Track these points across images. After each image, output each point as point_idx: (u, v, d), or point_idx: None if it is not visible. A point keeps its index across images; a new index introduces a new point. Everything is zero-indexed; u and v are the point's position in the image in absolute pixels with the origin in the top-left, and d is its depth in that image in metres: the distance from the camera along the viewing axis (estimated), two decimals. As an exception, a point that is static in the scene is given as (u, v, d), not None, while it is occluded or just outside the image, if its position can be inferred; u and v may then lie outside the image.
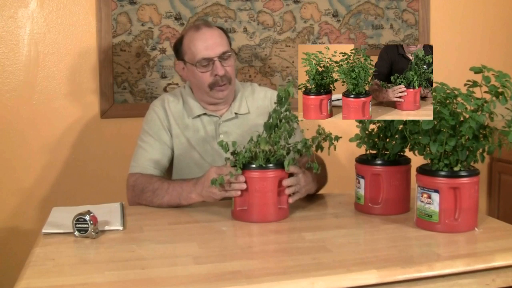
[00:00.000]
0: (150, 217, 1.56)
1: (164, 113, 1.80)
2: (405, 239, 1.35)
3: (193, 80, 1.77)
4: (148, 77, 2.30)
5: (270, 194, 1.46)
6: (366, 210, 1.55)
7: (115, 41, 2.26)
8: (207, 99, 1.78)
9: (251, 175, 1.46)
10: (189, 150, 1.78)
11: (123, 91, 2.29)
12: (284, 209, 1.52)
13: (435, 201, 1.36)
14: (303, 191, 1.56)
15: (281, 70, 2.44)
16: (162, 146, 1.77)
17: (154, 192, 1.64)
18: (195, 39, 1.72)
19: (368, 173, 1.53)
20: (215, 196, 1.52)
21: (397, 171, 1.52)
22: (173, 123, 1.79)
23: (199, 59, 1.70)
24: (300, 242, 1.35)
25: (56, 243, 1.34)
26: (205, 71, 1.72)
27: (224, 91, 1.74)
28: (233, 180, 1.46)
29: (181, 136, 1.79)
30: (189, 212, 1.59)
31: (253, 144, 1.46)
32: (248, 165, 1.44)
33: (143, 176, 1.70)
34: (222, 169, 1.49)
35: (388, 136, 1.54)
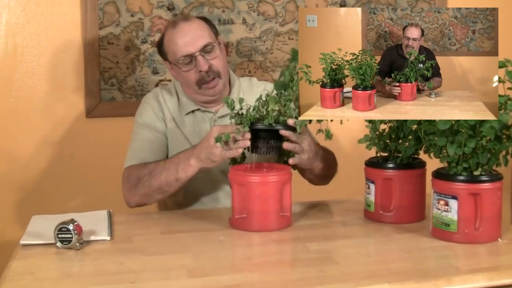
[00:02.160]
0: (140, 225, 1.57)
1: (158, 105, 1.82)
2: (420, 250, 1.35)
3: (181, 79, 1.80)
4: (138, 73, 2.31)
5: (271, 201, 1.47)
6: (376, 218, 1.55)
7: (101, 33, 2.26)
8: (199, 97, 1.80)
9: (251, 179, 1.46)
10: (184, 146, 1.77)
11: (111, 88, 2.29)
12: (287, 217, 1.51)
13: (453, 208, 1.36)
14: (305, 156, 1.55)
15: (283, 65, 2.44)
16: (159, 137, 1.80)
17: (150, 174, 1.64)
18: (173, 37, 1.74)
19: (379, 177, 1.53)
20: (214, 156, 1.51)
21: (411, 175, 1.52)
22: (168, 116, 1.81)
23: (180, 57, 1.73)
24: (305, 253, 1.34)
25: (36, 255, 1.33)
26: (189, 69, 1.74)
27: (214, 87, 1.76)
28: (239, 137, 1.46)
29: (176, 131, 1.81)
30: (183, 220, 1.60)
31: (262, 103, 1.47)
32: (256, 124, 1.44)
33: (138, 164, 1.71)
34: (226, 127, 1.50)
35: (401, 137, 1.54)
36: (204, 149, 1.54)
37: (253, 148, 1.49)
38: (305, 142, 1.54)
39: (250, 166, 1.54)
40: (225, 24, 2.37)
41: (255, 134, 1.48)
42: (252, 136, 1.48)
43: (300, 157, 1.55)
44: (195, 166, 1.58)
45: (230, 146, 1.49)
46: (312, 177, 1.74)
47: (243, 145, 1.47)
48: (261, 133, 1.48)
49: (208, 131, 1.56)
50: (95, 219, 1.57)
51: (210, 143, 1.51)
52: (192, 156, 1.58)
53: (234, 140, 1.48)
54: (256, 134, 1.49)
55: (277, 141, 1.50)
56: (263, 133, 1.48)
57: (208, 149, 1.53)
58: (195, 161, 1.57)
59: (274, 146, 1.49)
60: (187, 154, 1.60)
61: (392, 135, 1.55)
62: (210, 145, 1.52)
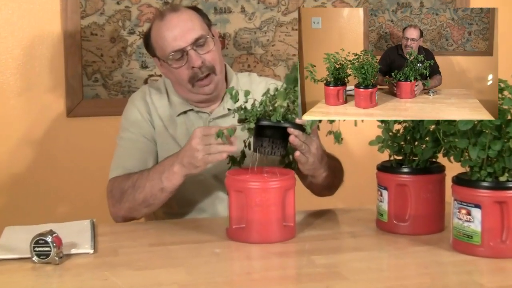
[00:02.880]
0: (127, 237, 1.56)
1: (146, 106, 1.83)
2: (439, 265, 1.34)
3: (172, 77, 1.81)
4: (125, 67, 2.31)
5: (273, 209, 1.46)
6: (390, 228, 1.55)
7: (84, 23, 2.27)
8: (192, 96, 1.80)
9: (251, 185, 1.47)
10: (175, 150, 1.75)
11: (95, 84, 2.29)
12: (290, 227, 1.51)
13: (476, 218, 1.35)
14: (311, 159, 1.55)
15: (286, 58, 2.45)
16: (147, 142, 1.80)
17: (134, 186, 1.66)
18: (161, 31, 1.74)
19: (393, 183, 1.53)
20: (196, 161, 1.54)
21: (429, 181, 1.52)
22: (156, 118, 1.82)
23: (169, 52, 1.73)
24: (310, 267, 1.34)
25: (10, 271, 1.33)
26: (180, 66, 1.74)
27: (209, 84, 1.76)
28: (221, 141, 1.50)
29: (166, 135, 1.81)
30: (174, 231, 1.60)
31: (269, 97, 1.48)
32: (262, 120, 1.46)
33: (121, 176, 1.72)
34: (210, 129, 1.54)
35: (417, 139, 1.53)
36: (187, 152, 1.55)
37: (257, 147, 1.50)
38: (313, 144, 1.54)
39: (249, 170, 1.55)
40: (222, 13, 2.37)
41: (259, 132, 1.49)
42: (256, 134, 1.49)
43: (305, 157, 1.54)
44: (179, 173, 1.59)
45: (212, 149, 1.51)
46: (315, 186, 1.74)
47: (227, 150, 1.50)
48: (266, 131, 1.49)
49: (191, 135, 1.56)
50: (76, 230, 1.56)
51: (192, 146, 1.53)
52: (176, 162, 1.59)
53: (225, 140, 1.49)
54: (261, 132, 1.49)
55: (283, 141, 1.50)
56: (268, 130, 1.48)
57: (190, 152, 1.54)
58: (178, 167, 1.59)
59: (279, 146, 1.50)
60: (171, 160, 1.61)
61: (407, 136, 1.54)
62: (192, 148, 1.53)
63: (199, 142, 1.52)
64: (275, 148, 1.49)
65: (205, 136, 1.52)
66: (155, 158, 1.80)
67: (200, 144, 1.52)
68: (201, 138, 1.52)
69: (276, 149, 1.49)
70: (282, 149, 1.51)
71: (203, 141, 1.52)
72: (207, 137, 1.52)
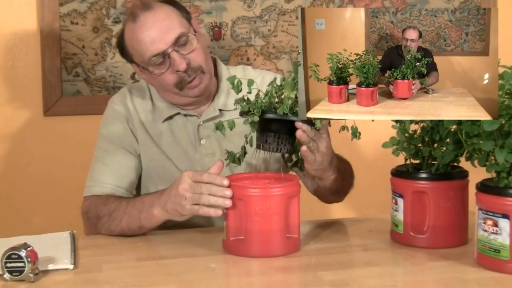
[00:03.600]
0: (112, 250, 1.56)
1: (126, 111, 1.82)
2: (461, 283, 1.34)
3: (155, 83, 1.80)
4: (110, 60, 2.30)
5: (275, 219, 1.46)
6: (406, 241, 1.55)
7: (63, 11, 2.26)
8: (181, 100, 1.80)
9: (250, 192, 1.46)
10: (160, 162, 1.80)
11: (75, 80, 2.29)
12: (294, 239, 1.51)
13: (504, 230, 1.34)
14: (319, 159, 1.54)
15: (290, 50, 2.45)
16: (128, 155, 1.80)
17: (110, 216, 1.65)
18: (136, 34, 1.72)
19: (409, 190, 1.53)
20: (183, 210, 1.51)
21: (450, 188, 1.52)
22: (138, 126, 1.81)
23: (149, 57, 1.71)
24: (317, 284, 1.34)
25: (-21, 289, 1.33)
26: (163, 71, 1.72)
27: (199, 85, 1.75)
28: (213, 189, 1.46)
29: (150, 145, 1.80)
30: (165, 244, 1.59)
31: (276, 88, 1.49)
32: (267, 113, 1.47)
33: (99, 198, 1.72)
34: (201, 174, 1.51)
35: (436, 140, 1.53)
36: (172, 198, 1.53)
37: (261, 144, 1.50)
38: (322, 141, 1.53)
39: (247, 175, 1.54)
40: (218, 0, 2.37)
41: (264, 126, 1.49)
42: (261, 129, 1.49)
43: (313, 156, 1.53)
44: (159, 217, 1.58)
45: (202, 200, 1.48)
46: (322, 191, 1.73)
47: (221, 204, 1.46)
48: (272, 125, 1.49)
49: (178, 177, 1.54)
50: (54, 243, 1.56)
51: (179, 192, 1.51)
52: (157, 204, 1.58)
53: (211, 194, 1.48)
54: (266, 126, 1.49)
55: (290, 136, 1.50)
56: (274, 125, 1.49)
57: (175, 198, 1.52)
58: (159, 211, 1.57)
59: (286, 142, 1.50)
60: (151, 200, 1.60)
61: (425, 138, 1.54)
62: (178, 195, 1.51)
63: (188, 188, 1.50)
64: (281, 144, 1.49)
65: (195, 182, 1.50)
66: (137, 172, 1.80)
67: (189, 191, 1.49)
68: (190, 185, 1.50)
69: (282, 145, 1.49)
70: (288, 146, 1.50)
71: (192, 188, 1.49)
72: (197, 185, 1.49)
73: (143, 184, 1.82)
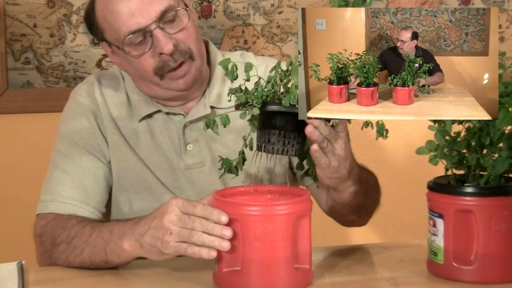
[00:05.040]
0: (70, 286, 1.57)
1: (94, 105, 1.82)
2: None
3: (130, 69, 1.80)
4: (70, 43, 2.33)
5: (280, 244, 1.47)
6: (448, 274, 1.55)
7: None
8: (161, 93, 1.80)
9: (249, 211, 1.46)
10: (136, 171, 1.80)
11: (25, 68, 2.33)
12: (305, 271, 1.51)
13: None
14: (334, 163, 1.54)
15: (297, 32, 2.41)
16: (95, 162, 1.80)
17: (69, 244, 1.64)
18: (110, 3, 1.71)
19: (451, 209, 1.53)
20: (166, 247, 1.49)
21: (503, 206, 1.51)
22: (108, 124, 1.81)
23: (125, 35, 1.70)
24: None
25: None
26: (141, 53, 1.71)
27: (185, 76, 1.74)
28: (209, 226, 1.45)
29: (123, 147, 1.81)
30: (139, 277, 1.60)
31: (281, 74, 1.52)
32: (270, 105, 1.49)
33: (57, 218, 1.71)
34: (194, 205, 1.48)
35: (486, 145, 1.53)
36: (152, 230, 1.51)
37: (262, 144, 1.51)
38: (339, 142, 1.53)
39: (244, 188, 1.55)
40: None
41: (266, 121, 1.50)
42: (262, 125, 1.50)
43: (326, 159, 1.53)
44: (130, 253, 1.56)
45: (194, 238, 1.45)
46: (339, 208, 1.74)
47: (216, 245, 1.43)
48: (276, 120, 1.49)
49: (164, 205, 1.52)
50: (-2, 275, 1.56)
51: (164, 224, 1.48)
52: (130, 236, 1.56)
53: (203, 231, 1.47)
54: (269, 122, 1.50)
55: (298, 135, 1.50)
56: (279, 120, 1.49)
57: (158, 232, 1.50)
58: (132, 245, 1.55)
59: (294, 142, 1.50)
60: (122, 230, 1.58)
61: (471, 142, 1.54)
62: (162, 228, 1.48)
63: (176, 221, 1.47)
64: (288, 144, 1.49)
65: (185, 214, 1.48)
66: (107, 184, 1.80)
67: (177, 224, 1.47)
68: (180, 217, 1.47)
69: (290, 146, 1.49)
70: (297, 146, 1.50)
71: (181, 222, 1.47)
72: (189, 218, 1.47)
73: (113, 199, 1.82)
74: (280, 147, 1.48)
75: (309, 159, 1.63)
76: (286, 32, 2.44)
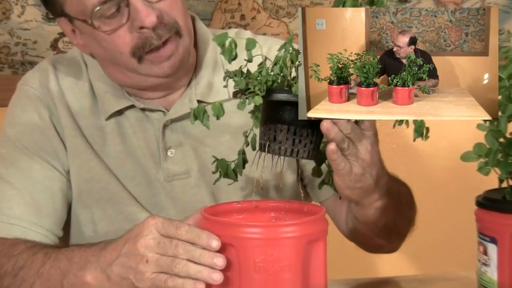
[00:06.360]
0: None
1: (48, 97, 1.80)
2: None
3: (99, 51, 1.74)
4: (17, 19, 2.41)
5: (287, 276, 1.45)
6: None
7: None
8: (138, 81, 1.76)
9: (246, 233, 1.43)
10: (102, 182, 1.78)
11: None
12: None
13: None
14: (356, 169, 1.51)
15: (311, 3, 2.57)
16: (50, 171, 1.78)
17: (16, 276, 1.61)
18: None
19: (507, 231, 1.49)
20: (140, 279, 1.43)
21: None
22: (67, 123, 1.79)
23: (94, 5, 1.64)
24: None
25: None
26: (115, 27, 1.67)
27: (172, 56, 1.70)
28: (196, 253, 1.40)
29: (86, 152, 1.79)
30: None
31: (291, 55, 1.53)
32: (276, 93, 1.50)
33: (1, 243, 1.70)
34: (177, 226, 1.43)
35: None
36: (123, 258, 1.46)
37: (267, 142, 1.48)
38: (364, 142, 1.50)
39: (242, 204, 1.55)
40: None
41: (271, 113, 1.47)
42: (266, 118, 1.47)
43: (347, 164, 1.48)
44: (94, 287, 1.52)
45: (177, 268, 1.41)
46: (363, 229, 1.72)
47: (205, 277, 1.39)
48: (284, 113, 1.48)
49: (138, 225, 1.48)
50: None
51: (138, 250, 1.43)
52: (94, 266, 1.52)
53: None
54: (274, 115, 1.47)
55: (313, 132, 1.48)
56: (288, 112, 1.48)
57: (130, 260, 1.45)
58: (95, 277, 1.52)
59: (306, 140, 1.48)
60: (84, 257, 1.54)
61: None
62: (136, 254, 1.44)
63: (153, 246, 1.42)
64: (299, 144, 1.48)
65: (165, 237, 1.43)
66: (66, 199, 1.78)
67: (154, 250, 1.42)
68: (158, 241, 1.42)
69: (301, 146, 1.48)
70: (310, 147, 1.49)
71: (160, 247, 1.42)
72: (170, 242, 1.42)
73: (73, 218, 1.80)
74: (289, 147, 1.47)
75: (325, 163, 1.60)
76: (295, 5, 2.43)
